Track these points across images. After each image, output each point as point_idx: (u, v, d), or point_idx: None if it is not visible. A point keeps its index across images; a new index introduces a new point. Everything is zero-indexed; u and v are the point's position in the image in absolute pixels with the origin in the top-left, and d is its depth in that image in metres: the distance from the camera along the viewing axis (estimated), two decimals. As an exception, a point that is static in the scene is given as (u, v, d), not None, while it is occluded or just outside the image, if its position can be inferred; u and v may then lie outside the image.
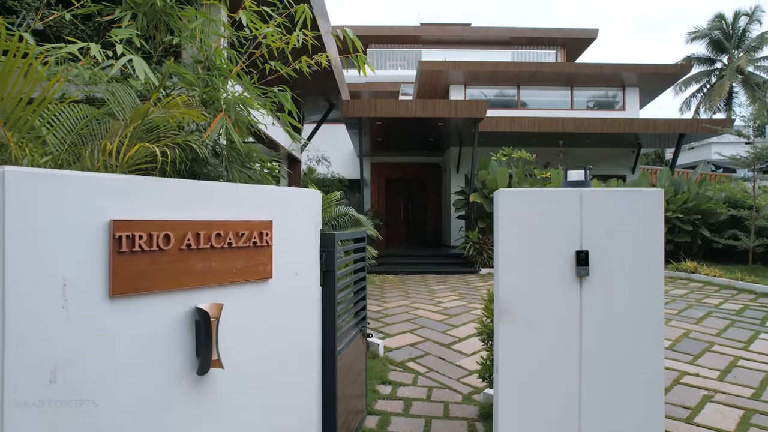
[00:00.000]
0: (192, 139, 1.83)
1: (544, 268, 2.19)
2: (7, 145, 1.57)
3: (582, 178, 2.20)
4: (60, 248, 1.46)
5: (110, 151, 1.65)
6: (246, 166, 3.40)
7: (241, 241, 1.94)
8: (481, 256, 10.42)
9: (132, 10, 3.16)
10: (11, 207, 1.36)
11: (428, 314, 6.07)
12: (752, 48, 31.37)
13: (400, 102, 10.00)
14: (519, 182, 10.75)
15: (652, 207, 2.14)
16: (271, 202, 2.10)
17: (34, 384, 1.36)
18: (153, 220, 1.65)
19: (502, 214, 2.24)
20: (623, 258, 2.15)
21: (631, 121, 11.55)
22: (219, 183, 1.88)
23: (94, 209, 1.52)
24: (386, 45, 22.94)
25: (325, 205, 4.51)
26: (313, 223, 2.38)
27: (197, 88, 2.76)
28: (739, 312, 6.24)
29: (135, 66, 1.85)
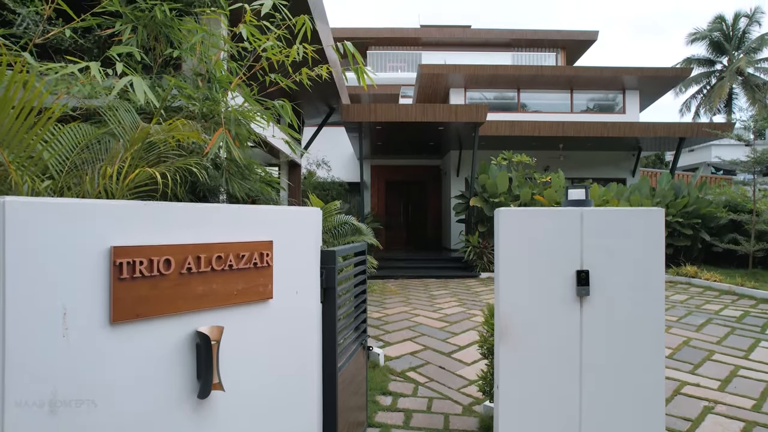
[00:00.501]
0: (192, 162, 1.83)
1: (544, 287, 2.19)
2: (7, 170, 1.57)
3: (582, 197, 2.20)
4: (61, 276, 1.46)
5: (110, 175, 1.65)
6: (246, 177, 3.40)
7: (242, 263, 1.94)
8: (482, 260, 10.42)
9: (132, 23, 3.16)
10: (11, 237, 1.36)
11: (428, 321, 6.07)
12: (752, 49, 31.38)
13: (400, 106, 10.00)
14: (519, 186, 10.75)
15: (653, 226, 2.14)
16: (271, 222, 2.10)
17: (34, 412, 1.36)
18: (154, 245, 1.65)
19: (502, 233, 2.23)
20: (624, 277, 2.14)
21: (631, 125, 11.54)
22: (219, 205, 1.88)
23: (94, 236, 1.52)
24: (386, 47, 22.95)
25: (325, 214, 4.51)
26: (314, 241, 2.38)
27: (197, 102, 2.76)
28: (739, 319, 6.24)
29: (135, 87, 1.85)
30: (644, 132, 11.58)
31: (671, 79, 13.63)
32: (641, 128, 11.61)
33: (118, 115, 2.24)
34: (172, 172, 1.80)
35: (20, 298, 1.37)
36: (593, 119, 13.73)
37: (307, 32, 3.48)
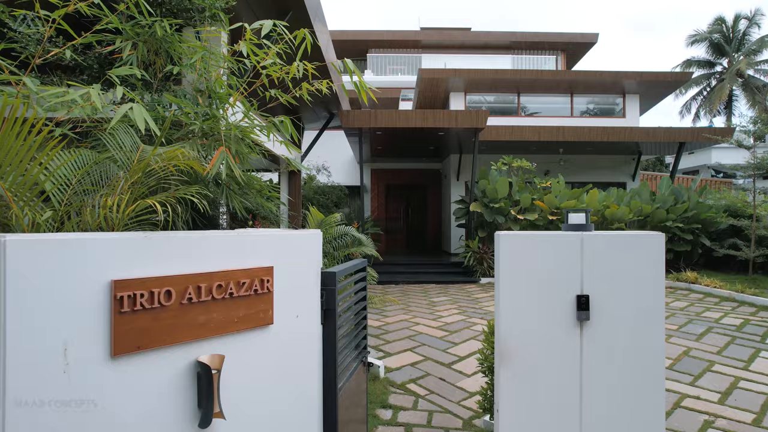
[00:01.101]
0: (193, 190, 1.83)
1: (544, 312, 2.19)
2: (7, 202, 1.57)
3: (583, 221, 2.20)
4: (61, 313, 1.46)
5: (111, 206, 1.65)
6: (246, 193, 3.40)
7: (242, 290, 1.94)
8: (482, 265, 10.42)
9: (132, 40, 3.16)
10: (12, 276, 1.37)
11: (428, 330, 6.07)
12: (752, 51, 31.39)
13: (401, 112, 10.00)
14: (519, 191, 10.75)
15: (653, 251, 2.14)
16: (272, 247, 2.10)
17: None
18: (154, 276, 1.65)
19: (503, 257, 2.23)
20: (624, 302, 2.15)
21: (631, 129, 11.55)
22: (220, 233, 1.88)
23: (95, 271, 1.52)
24: (386, 49, 22.98)
25: (325, 225, 4.51)
26: (314, 264, 2.38)
27: (197, 122, 2.76)
28: (739, 327, 6.24)
29: (135, 115, 1.85)
30: (645, 137, 11.59)
31: (671, 84, 13.64)
32: (641, 133, 11.62)
33: (117, 138, 2.24)
34: (173, 200, 1.81)
35: (21, 336, 1.38)
36: (593, 123, 13.73)
37: (307, 46, 3.50)
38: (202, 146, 2.89)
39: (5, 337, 1.33)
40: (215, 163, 2.71)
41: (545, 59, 21.75)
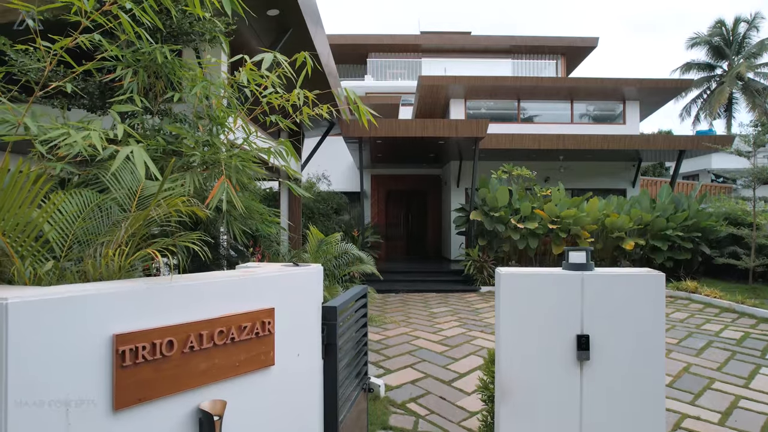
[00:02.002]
0: (194, 237, 1.83)
1: (544, 350, 2.19)
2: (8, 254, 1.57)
3: (583, 260, 2.20)
4: (63, 369, 1.47)
5: (111, 256, 1.66)
6: (247, 218, 3.41)
7: (244, 334, 1.94)
8: (482, 274, 10.43)
9: (133, 67, 3.17)
10: (14, 336, 1.38)
11: (429, 345, 6.07)
12: (752, 54, 31.41)
13: (400, 122, 10.02)
14: (519, 199, 10.76)
15: (653, 290, 2.15)
16: (273, 288, 2.10)
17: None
18: (156, 327, 1.66)
19: (503, 295, 2.24)
20: (624, 342, 2.15)
21: (631, 137, 11.56)
22: (220, 276, 1.88)
23: (96, 326, 1.53)
24: (386, 53, 23.00)
25: (326, 245, 4.52)
26: (315, 300, 2.39)
27: (198, 153, 2.76)
28: (739, 341, 6.24)
29: (135, 158, 1.85)
30: (645, 144, 11.60)
31: (671, 91, 13.65)
32: (642, 141, 11.63)
33: (119, 176, 2.24)
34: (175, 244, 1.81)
35: (22, 393, 1.39)
36: (593, 131, 13.75)
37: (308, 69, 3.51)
38: (203, 176, 2.89)
39: (7, 394, 1.34)
40: (215, 194, 2.72)
41: (545, 64, 21.76)
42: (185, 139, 2.87)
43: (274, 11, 4.69)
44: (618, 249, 10.82)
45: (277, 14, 4.76)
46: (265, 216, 3.41)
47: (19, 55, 2.71)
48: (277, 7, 4.60)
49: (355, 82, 20.45)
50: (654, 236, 10.70)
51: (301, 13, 4.71)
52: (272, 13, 4.72)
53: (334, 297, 4.31)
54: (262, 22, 4.91)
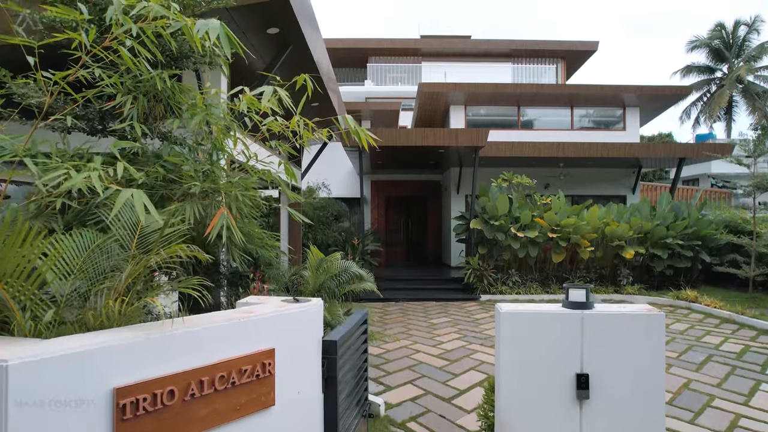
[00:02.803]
0: (194, 283, 1.84)
1: (544, 388, 2.19)
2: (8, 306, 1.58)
3: (583, 299, 2.20)
4: (63, 426, 1.47)
5: (112, 305, 1.66)
6: (247, 242, 3.41)
7: (244, 377, 1.95)
8: (482, 282, 10.42)
9: (133, 93, 3.18)
10: (14, 397, 1.39)
11: (429, 359, 6.07)
12: (752, 57, 31.43)
13: (401, 130, 10.02)
14: (519, 207, 10.76)
15: (653, 329, 2.15)
16: (273, 328, 2.10)
17: None
18: (156, 378, 1.66)
19: (503, 333, 2.24)
20: (624, 381, 2.15)
21: (631, 145, 11.56)
22: (220, 321, 1.88)
23: (96, 381, 1.53)
24: (386, 57, 23.01)
25: (326, 263, 4.52)
26: (315, 335, 2.39)
27: (198, 183, 2.76)
28: (739, 355, 6.24)
29: (136, 202, 1.86)
30: (645, 152, 11.61)
31: (671, 97, 13.65)
32: (641, 149, 11.63)
33: (119, 214, 2.25)
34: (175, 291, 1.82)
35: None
36: (594, 137, 13.75)
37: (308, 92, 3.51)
38: (203, 204, 2.89)
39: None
40: (215, 225, 2.73)
41: (545, 69, 21.78)
42: (185, 166, 2.87)
43: (274, 30, 4.70)
44: (618, 257, 10.82)
45: (277, 32, 4.77)
46: (265, 240, 3.42)
47: (19, 87, 2.71)
48: (277, 26, 4.61)
49: (355, 87, 20.46)
50: (654, 244, 10.70)
51: (300, 30, 4.71)
52: (272, 31, 4.73)
53: (334, 317, 4.32)
54: (263, 39, 4.92)
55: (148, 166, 3.13)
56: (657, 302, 10.04)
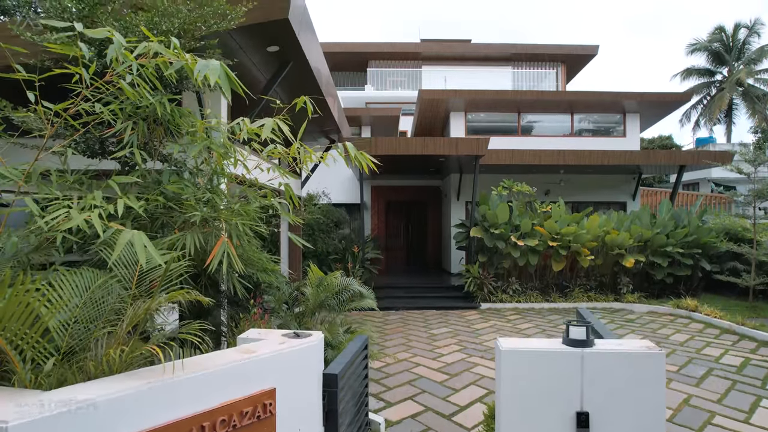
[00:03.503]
0: (195, 328, 1.84)
1: (544, 426, 2.19)
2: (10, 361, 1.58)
3: (584, 336, 2.20)
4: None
5: (113, 354, 1.66)
6: (247, 267, 3.42)
7: (245, 420, 1.95)
8: (482, 291, 10.42)
9: (133, 118, 3.18)
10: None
11: (429, 373, 6.07)
12: (752, 60, 31.45)
13: (401, 140, 10.03)
14: (520, 216, 10.76)
15: (654, 368, 2.15)
16: (273, 369, 2.10)
17: None
18: (157, 427, 1.66)
19: (504, 371, 2.24)
20: (624, 419, 2.15)
21: (631, 153, 11.57)
22: (222, 364, 1.88)
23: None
24: (386, 61, 23.01)
25: (326, 282, 4.53)
26: (316, 371, 2.39)
27: (198, 212, 2.77)
28: (740, 369, 6.24)
29: (135, 243, 1.86)
30: (645, 160, 11.61)
31: (672, 104, 13.66)
32: (642, 156, 11.64)
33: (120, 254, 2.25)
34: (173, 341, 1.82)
35: None
36: (594, 143, 13.77)
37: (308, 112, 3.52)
38: (203, 234, 2.90)
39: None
40: (216, 255, 2.73)
41: (545, 73, 21.79)
42: (185, 195, 2.88)
43: (274, 48, 4.70)
44: (618, 265, 10.82)
45: (278, 50, 4.77)
46: (265, 264, 3.42)
47: (20, 117, 2.72)
48: (278, 44, 4.61)
49: (355, 92, 20.46)
50: (654, 252, 10.70)
51: (300, 48, 4.72)
52: (272, 49, 4.73)
53: (334, 336, 4.32)
54: (263, 56, 4.92)
55: (149, 191, 3.14)
56: (657, 311, 10.04)
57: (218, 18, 3.36)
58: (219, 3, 3.27)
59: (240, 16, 3.42)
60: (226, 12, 3.35)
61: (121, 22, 3.24)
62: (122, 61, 2.22)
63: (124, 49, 2.13)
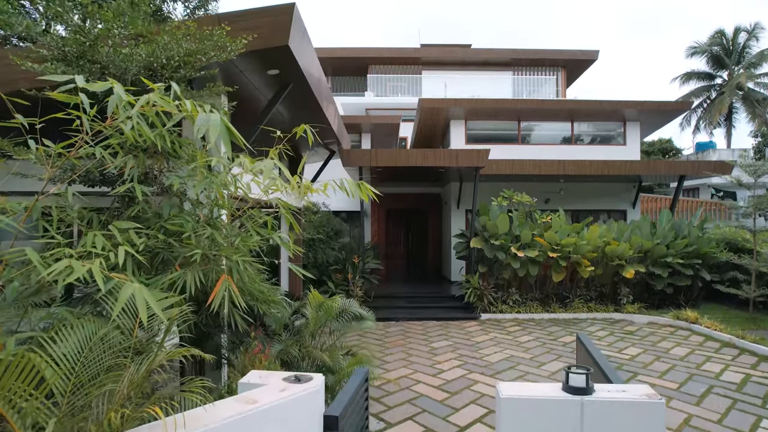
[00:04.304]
0: (195, 390, 1.84)
1: (546, 475, 2.19)
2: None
3: (583, 384, 2.20)
4: None
5: (114, 417, 1.66)
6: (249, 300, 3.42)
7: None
8: (482, 301, 10.43)
9: (133, 152, 3.19)
10: None
11: (429, 391, 6.07)
12: (752, 64, 31.46)
13: (401, 151, 10.05)
14: (520, 226, 10.77)
15: (654, 416, 2.15)
16: (275, 418, 2.11)
17: None
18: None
19: (504, 419, 2.24)
20: (625, 469, 2.15)
21: (632, 163, 11.58)
22: (223, 417, 1.89)
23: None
24: (386, 66, 23.04)
25: (326, 306, 4.54)
26: (317, 412, 2.39)
27: (199, 250, 2.77)
28: (740, 386, 6.23)
29: (138, 301, 1.86)
30: (645, 170, 11.63)
31: (672, 113, 13.68)
32: (642, 167, 11.66)
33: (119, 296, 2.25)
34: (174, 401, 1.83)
35: None
36: (594, 151, 13.79)
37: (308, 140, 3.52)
38: (204, 271, 2.90)
39: None
40: (217, 295, 2.74)
41: (545, 79, 21.82)
42: (185, 233, 2.88)
43: (274, 71, 4.71)
44: (618, 275, 10.82)
45: (278, 73, 4.78)
46: (267, 296, 3.42)
47: (21, 157, 2.73)
48: (278, 68, 4.62)
49: (356, 98, 20.47)
50: (654, 263, 10.70)
51: (301, 71, 4.72)
52: (272, 72, 4.74)
53: (334, 362, 4.32)
54: (263, 78, 4.93)
55: (150, 224, 3.14)
56: (657, 322, 10.04)
57: (218, 50, 3.36)
58: (218, 37, 3.28)
59: (240, 48, 3.43)
60: (226, 44, 3.36)
61: (121, 56, 3.24)
62: (123, 108, 2.23)
63: (125, 102, 2.13)
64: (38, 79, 3.56)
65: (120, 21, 3.11)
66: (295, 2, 4.00)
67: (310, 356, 4.34)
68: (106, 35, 3.13)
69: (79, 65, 3.30)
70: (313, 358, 4.28)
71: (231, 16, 3.95)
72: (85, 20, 3.13)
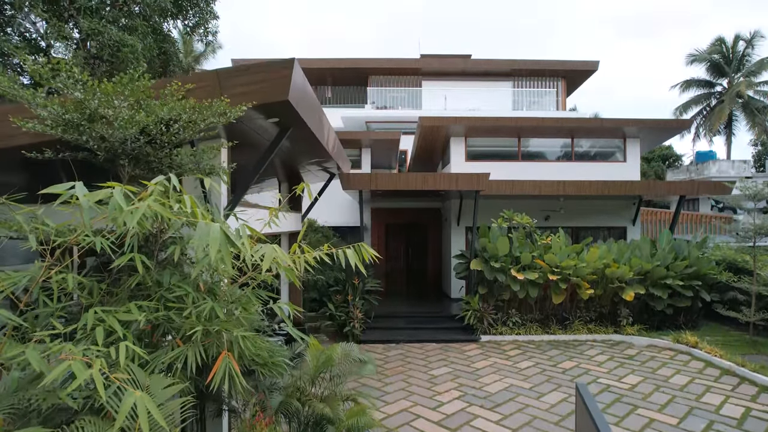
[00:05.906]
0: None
1: None
2: None
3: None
4: None
5: None
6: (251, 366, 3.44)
7: None
8: (482, 323, 10.43)
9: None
10: None
11: (429, 427, 6.07)
12: (752, 72, 31.48)
13: (401, 175, 10.08)
14: (519, 247, 10.78)
15: None
16: None
17: None
18: None
19: None
20: None
21: (632, 183, 11.60)
22: None
23: None
24: (386, 76, 23.08)
25: (325, 357, 4.55)
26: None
27: (199, 327, 2.78)
28: (740, 422, 6.23)
29: (138, 408, 1.87)
30: (645, 190, 11.65)
31: (672, 130, 13.69)
32: (642, 187, 11.67)
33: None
34: None
35: None
36: (594, 168, 13.79)
37: (309, 196, 3.52)
38: (204, 346, 2.91)
39: None
40: (217, 372, 2.75)
41: (545, 92, 21.88)
42: (185, 310, 2.89)
43: (274, 119, 4.73)
44: (618, 296, 10.82)
45: (278, 120, 4.80)
46: (267, 359, 3.43)
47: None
48: (278, 116, 4.64)
49: (356, 110, 20.50)
50: (654, 284, 10.71)
51: (301, 117, 4.74)
52: (273, 120, 4.75)
53: (334, 412, 4.33)
54: (264, 124, 4.94)
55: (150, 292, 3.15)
56: (657, 344, 10.05)
57: (218, 116, 3.38)
58: (218, 106, 3.29)
59: (239, 113, 3.45)
60: (226, 111, 3.37)
61: (120, 121, 3.25)
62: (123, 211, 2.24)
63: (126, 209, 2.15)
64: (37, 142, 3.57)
65: (121, 91, 3.13)
66: (295, 58, 4.01)
67: (310, 406, 4.35)
68: (105, 106, 3.14)
69: (79, 131, 3.32)
70: (313, 408, 4.29)
71: (230, 74, 3.97)
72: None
